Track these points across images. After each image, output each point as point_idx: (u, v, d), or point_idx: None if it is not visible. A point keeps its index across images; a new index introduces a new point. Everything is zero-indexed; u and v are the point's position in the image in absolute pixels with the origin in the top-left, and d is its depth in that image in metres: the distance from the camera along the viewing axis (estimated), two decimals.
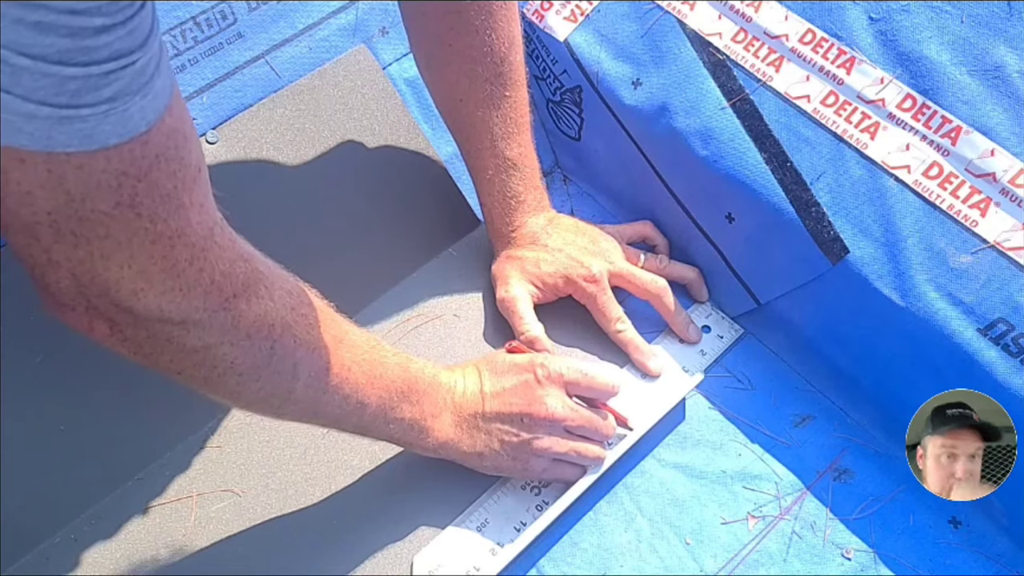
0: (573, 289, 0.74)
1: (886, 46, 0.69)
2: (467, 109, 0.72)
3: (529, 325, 0.73)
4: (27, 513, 0.65)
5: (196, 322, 0.46)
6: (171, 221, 0.42)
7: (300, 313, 0.52)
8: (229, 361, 0.49)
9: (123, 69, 0.36)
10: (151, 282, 0.43)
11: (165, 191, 0.41)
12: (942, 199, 0.65)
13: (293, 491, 0.68)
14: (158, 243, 0.42)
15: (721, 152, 0.72)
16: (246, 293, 0.48)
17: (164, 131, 0.40)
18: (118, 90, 0.36)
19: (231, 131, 0.77)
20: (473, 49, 0.69)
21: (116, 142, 0.38)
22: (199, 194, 0.43)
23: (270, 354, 0.50)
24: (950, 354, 0.64)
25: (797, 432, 0.72)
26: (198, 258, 0.44)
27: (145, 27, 0.37)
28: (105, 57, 0.35)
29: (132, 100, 0.37)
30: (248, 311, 0.48)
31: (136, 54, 0.37)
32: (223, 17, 0.78)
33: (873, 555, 0.66)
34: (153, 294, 0.43)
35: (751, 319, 0.78)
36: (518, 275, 0.74)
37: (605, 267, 0.74)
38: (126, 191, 0.39)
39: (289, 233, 0.76)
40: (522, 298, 0.74)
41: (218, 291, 0.46)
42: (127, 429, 0.69)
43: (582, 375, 0.66)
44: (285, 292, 0.51)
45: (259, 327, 0.49)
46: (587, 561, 0.67)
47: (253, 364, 0.50)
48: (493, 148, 0.73)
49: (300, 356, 0.52)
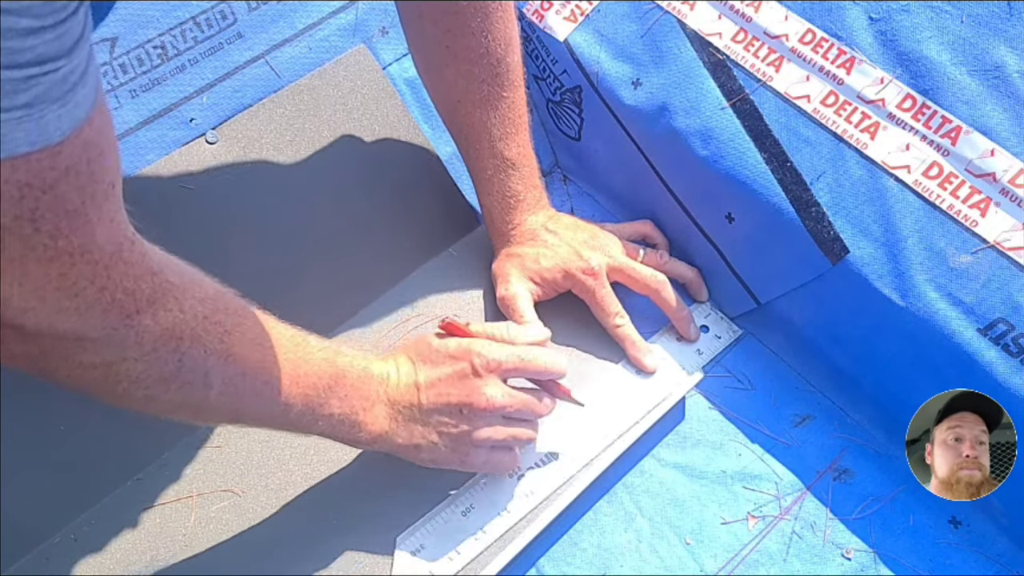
0: (572, 283, 0.74)
1: (886, 46, 0.69)
2: (465, 110, 0.72)
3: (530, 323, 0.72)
4: (27, 513, 0.65)
5: (93, 339, 0.44)
6: (74, 237, 0.40)
7: (213, 321, 0.50)
8: (133, 376, 0.47)
9: (45, 75, 0.34)
10: (44, 300, 0.40)
11: (72, 206, 0.39)
12: (942, 199, 0.65)
13: (293, 491, 0.68)
14: (56, 261, 0.40)
15: (721, 152, 0.72)
16: (151, 308, 0.46)
17: (79, 143, 0.38)
18: (36, 96, 0.34)
19: (231, 131, 0.77)
20: (470, 51, 0.69)
21: (25, 151, 0.35)
22: (109, 209, 0.41)
23: (178, 366, 0.49)
24: (950, 354, 0.64)
25: (797, 432, 0.72)
26: (100, 276, 0.42)
27: (74, 33, 0.35)
28: (27, 61, 0.33)
29: (49, 108, 0.35)
30: (153, 325, 0.46)
31: (61, 61, 0.35)
32: (223, 17, 0.78)
33: (873, 555, 0.66)
34: (45, 312, 0.41)
35: (751, 319, 0.78)
36: (518, 272, 0.75)
37: (604, 261, 0.74)
38: (27, 204, 0.37)
39: (289, 233, 0.76)
40: (522, 296, 0.74)
41: (119, 309, 0.44)
42: (127, 429, 0.69)
43: (519, 360, 0.63)
44: (197, 301, 0.49)
45: (165, 340, 0.47)
46: (587, 561, 0.67)
47: (160, 377, 0.48)
48: (491, 148, 0.73)
49: (211, 365, 0.50)
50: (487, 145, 0.73)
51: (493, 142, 0.73)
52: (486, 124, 0.72)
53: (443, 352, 0.63)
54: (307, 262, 0.76)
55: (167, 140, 0.75)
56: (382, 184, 0.81)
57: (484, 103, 0.72)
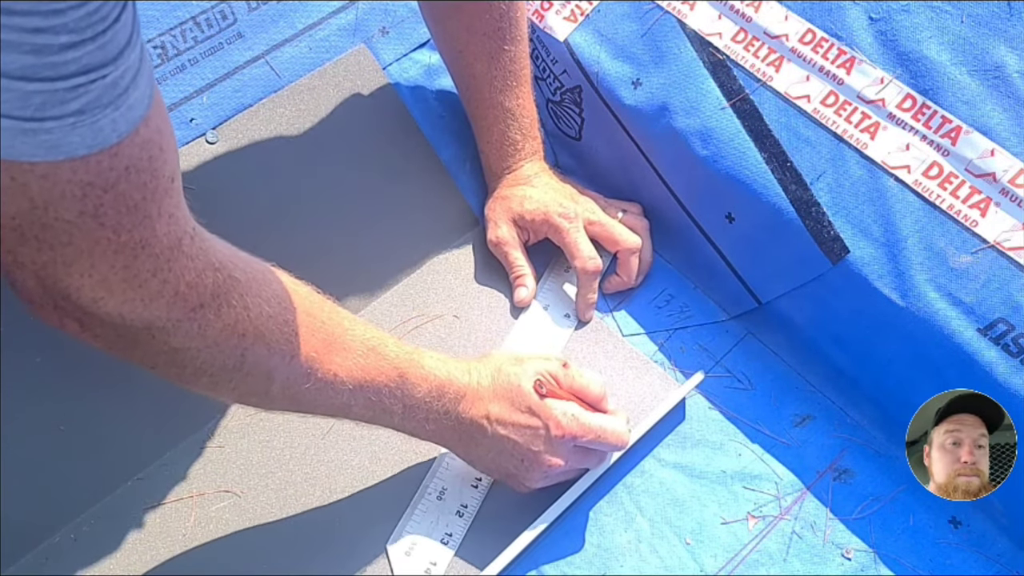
0: (549, 228, 0.77)
1: (886, 46, 0.69)
2: (466, 61, 0.76)
3: (521, 266, 0.78)
4: (27, 513, 0.65)
5: (161, 328, 0.46)
6: (135, 232, 0.41)
7: (280, 321, 0.51)
8: (198, 364, 0.49)
9: (92, 83, 0.36)
10: (111, 291, 0.43)
11: (132, 202, 0.41)
12: (942, 199, 0.65)
13: (293, 491, 0.68)
14: (120, 254, 0.41)
15: (721, 152, 0.72)
16: (215, 303, 0.47)
17: (137, 142, 0.39)
18: (87, 103, 0.36)
19: (231, 131, 0.77)
20: (473, 4, 0.73)
21: (84, 153, 0.37)
22: (169, 205, 0.43)
23: (240, 361, 0.50)
24: (950, 354, 0.64)
25: (797, 432, 0.72)
26: (162, 269, 0.44)
27: (120, 40, 0.36)
28: (72, 72, 0.35)
29: (103, 112, 0.37)
30: (216, 321, 0.47)
31: (107, 68, 0.36)
32: (223, 17, 0.78)
33: (873, 555, 0.66)
34: (114, 303, 0.43)
35: (751, 319, 0.78)
36: (504, 216, 0.78)
37: (583, 212, 0.78)
38: (91, 201, 0.39)
39: (289, 233, 0.76)
40: (511, 240, 0.78)
41: (183, 302, 0.45)
42: (127, 429, 0.69)
43: (594, 435, 0.63)
44: (263, 300, 0.50)
45: (228, 336, 0.48)
46: (587, 561, 0.67)
47: (223, 368, 0.50)
48: (492, 99, 0.77)
49: (275, 364, 0.52)
50: (487, 95, 0.77)
51: (494, 93, 0.76)
52: (487, 76, 0.76)
53: (526, 401, 0.62)
54: (307, 262, 0.76)
55: None
56: (382, 184, 0.81)
57: (486, 56, 0.75)
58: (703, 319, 0.79)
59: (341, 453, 0.70)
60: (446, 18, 0.75)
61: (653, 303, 0.80)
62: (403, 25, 0.87)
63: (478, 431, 0.62)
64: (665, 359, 0.76)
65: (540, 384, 0.62)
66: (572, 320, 0.78)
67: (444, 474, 0.69)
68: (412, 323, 0.77)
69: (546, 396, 0.62)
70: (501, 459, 0.63)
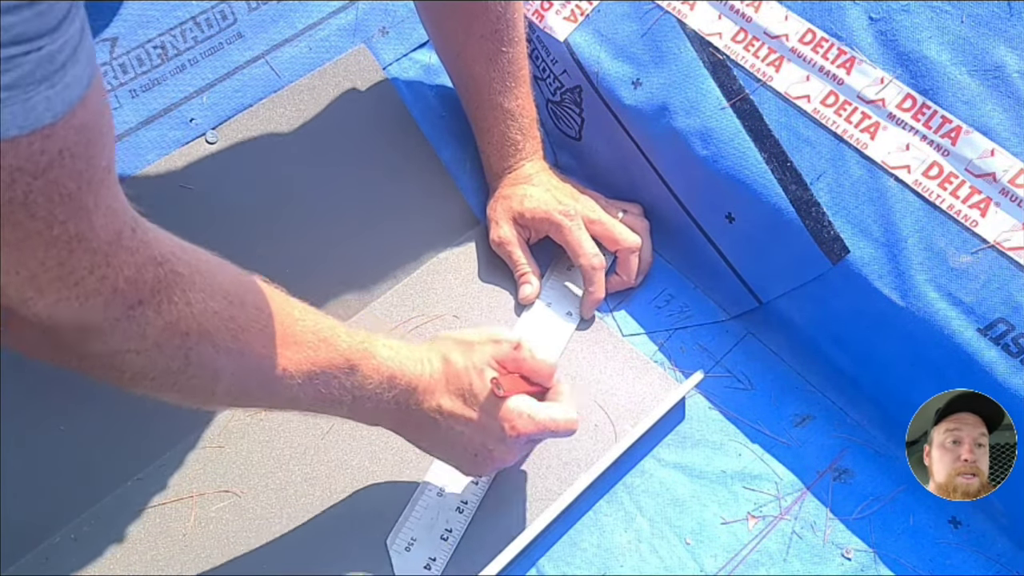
0: (550, 226, 0.77)
1: (886, 46, 0.69)
2: (464, 63, 0.76)
3: (524, 264, 0.78)
4: (27, 513, 0.65)
5: (96, 329, 0.42)
6: (70, 224, 0.38)
7: (226, 317, 0.48)
8: (137, 367, 0.45)
9: (26, 55, 0.32)
10: (42, 290, 0.39)
11: (66, 191, 0.37)
12: (942, 199, 0.65)
13: (293, 491, 0.68)
14: (53, 248, 0.38)
15: (721, 152, 0.72)
16: (154, 300, 0.43)
17: (74, 125, 0.36)
18: (18, 77, 0.32)
19: (231, 131, 0.77)
20: (470, 6, 0.73)
21: (13, 134, 0.33)
22: (107, 196, 0.39)
23: (185, 362, 0.46)
24: (950, 354, 0.64)
25: (797, 432, 0.72)
26: (100, 265, 0.40)
27: (59, 10, 0.33)
28: (4, 41, 0.31)
29: (36, 89, 0.33)
30: (156, 319, 0.44)
31: (44, 39, 0.32)
32: (223, 17, 0.78)
33: (873, 555, 0.66)
34: (44, 303, 0.39)
35: (751, 319, 0.78)
36: (506, 215, 0.79)
37: (583, 211, 0.78)
38: (19, 188, 0.35)
39: (288, 233, 0.76)
40: (513, 240, 0.78)
41: (121, 299, 0.42)
42: (127, 429, 0.69)
43: (547, 430, 0.62)
44: (207, 296, 0.46)
45: (170, 335, 0.45)
46: (587, 561, 0.67)
47: (167, 370, 0.46)
48: (491, 100, 0.77)
49: (221, 364, 0.48)
50: (487, 97, 0.77)
51: (493, 95, 0.76)
52: (486, 78, 0.76)
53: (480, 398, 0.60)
54: (307, 262, 0.76)
55: (167, 140, 0.75)
56: (382, 184, 0.81)
57: (484, 58, 0.75)
58: (703, 319, 0.79)
59: (341, 453, 0.70)
60: (443, 20, 0.75)
61: (653, 303, 0.80)
62: (403, 25, 0.87)
63: (429, 424, 0.60)
64: (665, 359, 0.76)
65: (497, 384, 0.60)
66: (575, 318, 0.78)
67: (444, 471, 0.69)
68: (412, 323, 0.77)
69: (506, 396, 0.60)
70: (453, 451, 0.62)
